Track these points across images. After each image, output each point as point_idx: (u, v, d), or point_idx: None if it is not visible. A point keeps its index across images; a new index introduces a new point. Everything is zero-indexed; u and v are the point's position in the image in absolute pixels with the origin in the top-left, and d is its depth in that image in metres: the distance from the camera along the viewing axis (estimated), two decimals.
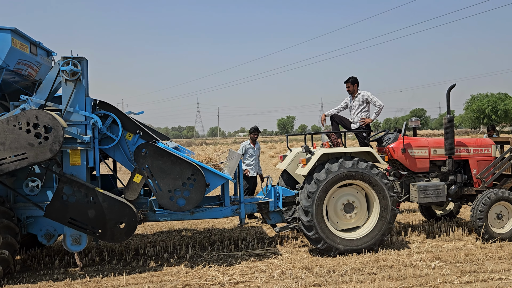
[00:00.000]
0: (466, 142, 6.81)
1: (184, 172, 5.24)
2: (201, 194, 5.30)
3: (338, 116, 7.49)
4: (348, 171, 5.72)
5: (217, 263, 5.55)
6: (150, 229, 7.67)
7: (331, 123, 7.48)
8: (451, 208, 7.80)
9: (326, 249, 5.71)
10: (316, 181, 5.68)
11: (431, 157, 6.67)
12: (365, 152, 6.12)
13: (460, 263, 5.29)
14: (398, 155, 6.57)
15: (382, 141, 6.93)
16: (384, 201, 5.84)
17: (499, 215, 6.30)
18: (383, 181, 5.83)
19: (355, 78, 7.39)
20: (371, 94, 7.30)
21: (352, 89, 7.39)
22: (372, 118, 7.32)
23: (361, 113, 7.35)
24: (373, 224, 5.88)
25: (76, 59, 5.19)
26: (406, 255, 5.64)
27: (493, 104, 60.07)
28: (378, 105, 7.23)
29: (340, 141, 6.90)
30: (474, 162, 6.77)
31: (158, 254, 6.07)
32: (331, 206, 5.94)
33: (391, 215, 5.86)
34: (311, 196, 5.66)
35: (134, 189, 5.32)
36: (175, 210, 5.31)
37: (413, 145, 6.61)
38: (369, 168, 5.79)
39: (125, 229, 5.17)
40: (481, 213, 6.16)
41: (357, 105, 7.37)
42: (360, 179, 5.78)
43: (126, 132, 5.58)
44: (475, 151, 6.80)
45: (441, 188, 6.36)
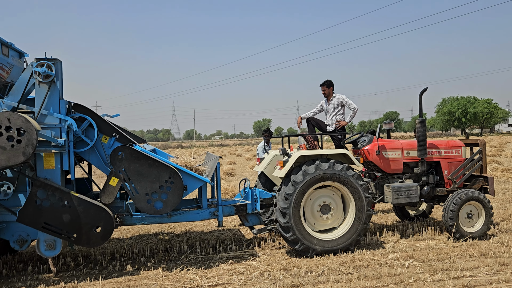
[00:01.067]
0: (438, 144, 7.02)
1: (161, 175, 5.21)
2: (178, 197, 5.28)
3: (314, 119, 7.59)
4: (325, 173, 5.80)
5: (195, 266, 5.53)
6: (126, 233, 7.57)
7: (307, 125, 7.58)
8: (424, 209, 8.01)
9: (304, 250, 5.77)
10: (293, 183, 5.74)
11: (405, 159, 6.84)
12: (341, 154, 6.22)
13: (433, 262, 5.44)
14: (372, 157, 6.71)
15: (357, 143, 7.06)
16: (360, 202, 5.95)
17: (469, 214, 6.51)
18: (358, 182, 5.94)
19: (330, 82, 7.51)
20: (346, 97, 7.44)
21: (328, 92, 7.51)
22: (347, 120, 7.45)
23: (337, 115, 7.47)
24: (349, 225, 5.98)
25: (50, 61, 5.10)
26: (381, 255, 5.76)
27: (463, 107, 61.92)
28: (353, 108, 7.37)
29: (317, 143, 6.99)
30: (446, 164, 6.98)
31: (135, 258, 6.00)
32: (308, 207, 6.01)
33: (366, 215, 5.98)
34: (288, 198, 5.71)
35: (110, 193, 5.25)
36: (152, 213, 5.27)
37: (387, 147, 6.76)
38: (345, 170, 5.89)
39: (101, 233, 5.10)
40: (452, 212, 6.35)
41: (333, 108, 7.49)
42: (336, 180, 5.88)
43: (102, 135, 5.51)
44: (446, 153, 7.00)
45: (414, 189, 6.53)
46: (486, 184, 6.98)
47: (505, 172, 14.34)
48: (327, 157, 6.15)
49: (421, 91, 6.68)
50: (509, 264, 5.25)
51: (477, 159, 7.00)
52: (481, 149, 7.04)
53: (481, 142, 7.11)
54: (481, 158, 7.03)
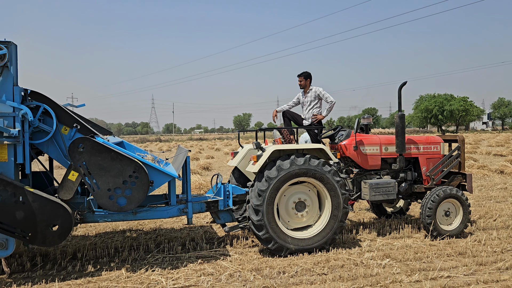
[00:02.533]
0: (416, 139, 6.84)
1: (125, 169, 4.85)
2: (143, 193, 4.93)
3: (290, 112, 7.31)
4: (300, 169, 5.54)
5: (162, 266, 5.21)
6: (92, 230, 7.17)
7: (283, 119, 7.30)
8: (401, 206, 7.86)
9: (277, 249, 5.51)
10: (267, 179, 5.46)
11: (383, 155, 6.64)
12: (317, 149, 5.98)
13: (410, 261, 5.25)
14: (350, 152, 6.49)
15: (335, 138, 6.83)
16: (336, 199, 5.72)
17: (447, 212, 6.36)
18: (335, 178, 5.70)
19: (308, 73, 7.23)
20: (323, 90, 7.18)
21: (304, 84, 7.23)
22: (324, 114, 7.20)
23: (313, 109, 7.21)
24: (324, 223, 5.75)
25: (3, 44, 4.67)
26: (357, 254, 5.54)
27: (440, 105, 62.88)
28: (330, 101, 7.12)
29: (293, 137, 6.73)
30: (424, 160, 6.82)
31: (97, 257, 5.63)
32: (282, 204, 5.75)
33: (342, 213, 5.76)
34: (261, 195, 5.44)
35: (69, 188, 4.87)
36: (115, 210, 4.91)
37: (365, 142, 6.55)
38: (321, 166, 5.65)
39: (59, 231, 4.71)
40: (430, 210, 6.19)
41: (309, 101, 7.23)
42: (312, 176, 5.63)
43: (62, 125, 5.11)
44: (425, 149, 6.84)
45: (392, 185, 6.34)
46: (464, 181, 6.86)
47: (481, 169, 14.42)
48: (303, 152, 5.90)
49: (401, 84, 6.49)
50: (487, 264, 5.10)
51: (456, 156, 6.87)
52: (459, 145, 6.90)
53: (460, 138, 6.97)
54: (459, 154, 6.89)
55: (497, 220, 7.27)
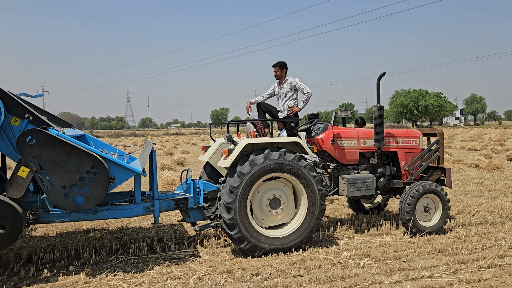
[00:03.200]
0: (395, 133, 6.61)
1: (82, 165, 4.41)
2: (103, 190, 4.50)
3: (264, 104, 6.95)
4: (275, 163, 5.21)
5: (125, 269, 4.80)
6: (52, 230, 6.67)
7: (258, 111, 6.94)
8: (379, 201, 7.64)
9: (250, 249, 5.17)
10: (240, 174, 5.11)
11: (361, 149, 6.38)
12: (292, 143, 5.66)
13: (389, 260, 5.00)
14: (327, 146, 6.20)
15: (311, 131, 6.53)
16: (313, 196, 5.42)
17: (426, 208, 6.15)
18: (311, 174, 5.40)
19: (284, 63, 6.89)
20: (300, 81, 6.85)
21: (280, 74, 6.88)
22: (300, 106, 6.87)
23: (289, 101, 6.88)
24: (300, 221, 5.44)
25: None
26: (334, 253, 5.26)
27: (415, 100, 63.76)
28: (306, 92, 6.79)
29: (267, 130, 6.40)
30: (403, 154, 6.59)
31: (55, 260, 5.17)
32: (256, 201, 5.41)
33: (319, 210, 5.46)
34: (233, 191, 5.08)
35: (19, 185, 4.40)
36: (71, 209, 4.46)
37: (342, 136, 6.27)
38: (296, 160, 5.33)
39: (7, 234, 4.25)
40: (409, 206, 5.96)
41: (285, 92, 6.89)
42: (287, 172, 5.30)
43: (12, 116, 4.61)
44: (404, 143, 6.62)
45: (370, 180, 6.08)
46: (442, 176, 6.68)
47: (456, 163, 14.45)
48: (277, 145, 5.57)
49: (379, 76, 6.22)
50: (468, 262, 4.90)
51: (435, 150, 6.67)
52: (438, 139, 6.71)
53: (439, 132, 6.77)
54: (438, 148, 6.70)
55: (476, 216, 7.13)
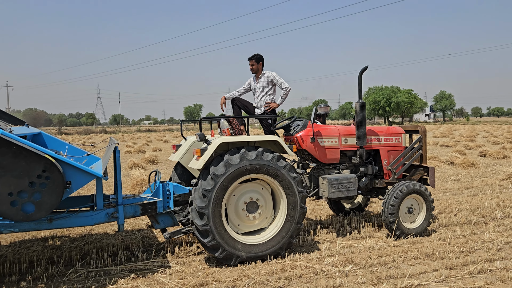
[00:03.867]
0: (377, 130, 6.29)
1: (32, 168, 3.86)
2: (57, 197, 3.96)
3: (240, 100, 6.50)
4: (251, 164, 4.78)
5: (85, 284, 4.28)
6: (6, 238, 6.04)
7: (232, 107, 6.49)
8: (360, 201, 7.34)
9: (226, 258, 4.74)
10: (213, 176, 4.66)
11: (342, 147, 6.02)
12: (271, 141, 5.24)
13: (375, 267, 4.66)
14: (307, 144, 5.81)
15: (290, 128, 6.13)
16: (292, 198, 5.03)
17: (410, 209, 5.86)
18: (291, 175, 5.00)
19: (260, 56, 6.45)
20: (277, 75, 6.43)
21: (256, 68, 6.44)
22: (278, 102, 6.46)
23: (266, 96, 6.45)
24: (280, 225, 5.04)
25: None
26: (316, 260, 4.89)
27: (387, 97, 64.58)
28: (284, 87, 6.38)
29: (243, 128, 5.97)
30: (385, 152, 6.28)
31: (5, 275, 4.59)
32: (231, 205, 4.97)
33: (300, 213, 5.07)
34: (206, 195, 4.63)
35: None
36: (19, 219, 3.90)
37: (323, 134, 5.90)
38: (275, 160, 4.92)
39: None
40: (393, 207, 5.65)
41: (262, 87, 6.45)
42: (265, 173, 4.89)
43: None
44: (386, 141, 6.31)
45: (352, 181, 5.74)
46: (425, 175, 6.41)
47: (432, 160, 14.40)
48: (254, 144, 5.15)
49: (361, 70, 5.87)
50: (457, 268, 4.61)
51: (418, 148, 6.39)
52: (421, 136, 6.44)
53: (422, 129, 6.50)
54: (421, 146, 6.43)
55: (458, 215, 6.91)
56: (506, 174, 10.67)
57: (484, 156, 16.44)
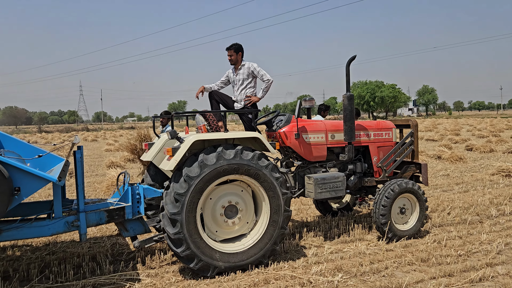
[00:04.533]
0: (366, 125, 5.86)
1: None
2: (3, 205, 3.42)
3: (218, 93, 5.98)
4: (230, 164, 4.30)
5: None
6: None
7: (210, 101, 5.97)
8: (348, 201, 6.91)
9: (202, 269, 4.25)
10: (187, 179, 4.16)
11: (329, 143, 5.57)
12: (251, 138, 4.76)
13: (367, 276, 4.23)
14: (291, 141, 5.34)
15: (272, 124, 5.65)
16: (276, 201, 4.56)
17: (402, 209, 5.46)
18: (273, 175, 4.53)
19: (239, 46, 5.93)
20: (258, 66, 5.93)
21: (235, 59, 5.92)
22: (259, 96, 5.97)
23: (246, 89, 5.96)
24: (262, 231, 4.57)
25: None
26: (302, 268, 4.44)
27: (371, 91, 64.65)
28: (266, 80, 5.89)
29: (221, 124, 5.48)
30: (375, 149, 5.86)
31: None
32: (208, 210, 4.48)
33: (284, 217, 4.61)
34: (179, 200, 4.13)
35: None
36: None
37: (308, 129, 5.44)
38: (256, 159, 4.44)
39: None
40: (384, 208, 5.24)
41: (241, 79, 5.95)
42: (246, 173, 4.41)
43: None
44: (376, 136, 5.88)
45: (341, 180, 5.30)
46: (417, 172, 6.01)
47: (419, 154, 14.08)
48: (233, 142, 4.66)
49: (349, 60, 5.42)
50: (457, 274, 4.21)
51: (409, 143, 5.99)
52: (412, 131, 6.03)
53: (413, 123, 6.09)
54: (412, 141, 6.03)
55: (451, 214, 6.54)
56: (495, 169, 10.40)
57: (470, 150, 16.25)
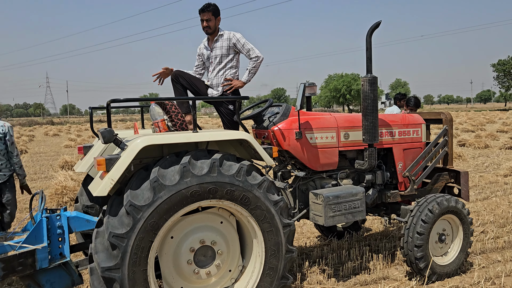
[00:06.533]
0: (389, 120, 4.32)
1: None
2: None
3: (185, 76, 4.26)
4: (202, 183, 2.67)
5: None
6: None
7: (173, 86, 4.27)
8: None
9: None
10: (131, 210, 2.50)
11: (341, 145, 4.00)
12: (235, 141, 3.14)
13: None
14: (290, 142, 3.74)
15: (263, 119, 4.02)
16: (274, 237, 2.97)
17: (441, 235, 3.96)
18: (271, 198, 2.93)
19: (216, 7, 4.24)
20: (242, 37, 4.27)
21: (213, 26, 4.22)
22: (244, 79, 4.31)
23: (226, 70, 4.27)
24: (252, 284, 2.97)
25: None
26: None
27: (347, 84, 63.82)
28: (254, 56, 4.23)
29: (190, 119, 3.84)
30: (400, 152, 4.32)
31: None
32: (167, 256, 2.83)
33: (286, 261, 3.03)
34: (119, 245, 2.47)
35: None
36: None
37: (313, 126, 3.85)
38: (243, 175, 2.82)
39: None
40: (421, 237, 3.73)
41: (219, 55, 4.26)
42: (228, 197, 2.79)
43: None
44: (402, 134, 4.34)
45: (360, 197, 3.74)
46: (452, 182, 4.53)
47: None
48: (207, 147, 3.03)
49: (372, 27, 3.85)
50: None
51: (442, 144, 4.49)
52: (447, 127, 4.53)
53: (447, 117, 4.59)
54: (446, 142, 4.53)
55: (488, 234, 5.12)
56: (507, 169, 9.13)
57: (463, 145, 15.09)
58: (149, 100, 3.13)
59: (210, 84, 4.31)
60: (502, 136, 18.12)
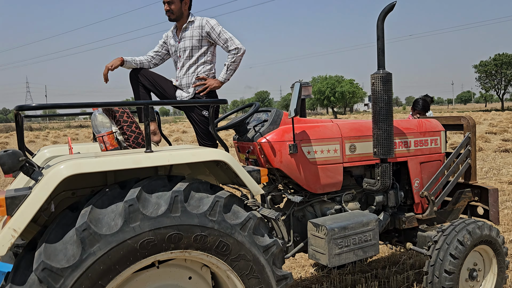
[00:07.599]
0: (403, 127, 3.49)
1: None
2: None
3: (148, 74, 3.34)
4: (156, 229, 1.79)
5: None
6: None
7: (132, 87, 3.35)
8: None
9: None
10: (45, 277, 1.61)
11: (347, 160, 3.16)
12: (210, 163, 2.27)
13: None
14: (282, 159, 2.88)
15: (247, 128, 3.15)
16: None
17: (472, 271, 3.16)
18: (258, 241, 2.07)
19: None
20: (218, 24, 3.40)
21: (179, 10, 3.35)
22: (222, 78, 3.44)
23: (199, 66, 3.39)
24: None
25: None
26: None
27: (331, 86, 63.54)
28: (234, 48, 3.36)
29: (155, 129, 2.95)
30: (416, 166, 3.50)
31: None
32: None
33: None
34: None
35: None
36: None
37: (312, 137, 3.00)
38: (220, 212, 1.96)
39: None
40: (451, 276, 2.92)
41: (189, 48, 3.37)
42: (197, 246, 1.91)
43: None
44: (418, 144, 3.53)
45: (373, 228, 2.91)
46: (475, 200, 3.75)
47: None
48: (169, 172, 2.16)
49: (383, 11, 3.03)
50: None
51: (465, 155, 3.69)
52: (469, 135, 3.74)
53: (469, 123, 3.79)
54: (469, 152, 3.74)
55: None
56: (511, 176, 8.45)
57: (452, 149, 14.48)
58: (78, 106, 2.13)
59: (179, 85, 3.42)
60: (493, 138, 17.62)
